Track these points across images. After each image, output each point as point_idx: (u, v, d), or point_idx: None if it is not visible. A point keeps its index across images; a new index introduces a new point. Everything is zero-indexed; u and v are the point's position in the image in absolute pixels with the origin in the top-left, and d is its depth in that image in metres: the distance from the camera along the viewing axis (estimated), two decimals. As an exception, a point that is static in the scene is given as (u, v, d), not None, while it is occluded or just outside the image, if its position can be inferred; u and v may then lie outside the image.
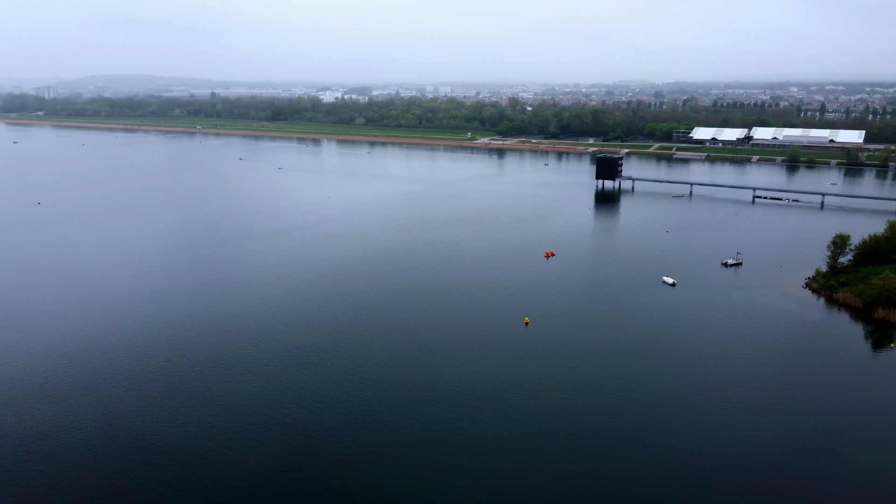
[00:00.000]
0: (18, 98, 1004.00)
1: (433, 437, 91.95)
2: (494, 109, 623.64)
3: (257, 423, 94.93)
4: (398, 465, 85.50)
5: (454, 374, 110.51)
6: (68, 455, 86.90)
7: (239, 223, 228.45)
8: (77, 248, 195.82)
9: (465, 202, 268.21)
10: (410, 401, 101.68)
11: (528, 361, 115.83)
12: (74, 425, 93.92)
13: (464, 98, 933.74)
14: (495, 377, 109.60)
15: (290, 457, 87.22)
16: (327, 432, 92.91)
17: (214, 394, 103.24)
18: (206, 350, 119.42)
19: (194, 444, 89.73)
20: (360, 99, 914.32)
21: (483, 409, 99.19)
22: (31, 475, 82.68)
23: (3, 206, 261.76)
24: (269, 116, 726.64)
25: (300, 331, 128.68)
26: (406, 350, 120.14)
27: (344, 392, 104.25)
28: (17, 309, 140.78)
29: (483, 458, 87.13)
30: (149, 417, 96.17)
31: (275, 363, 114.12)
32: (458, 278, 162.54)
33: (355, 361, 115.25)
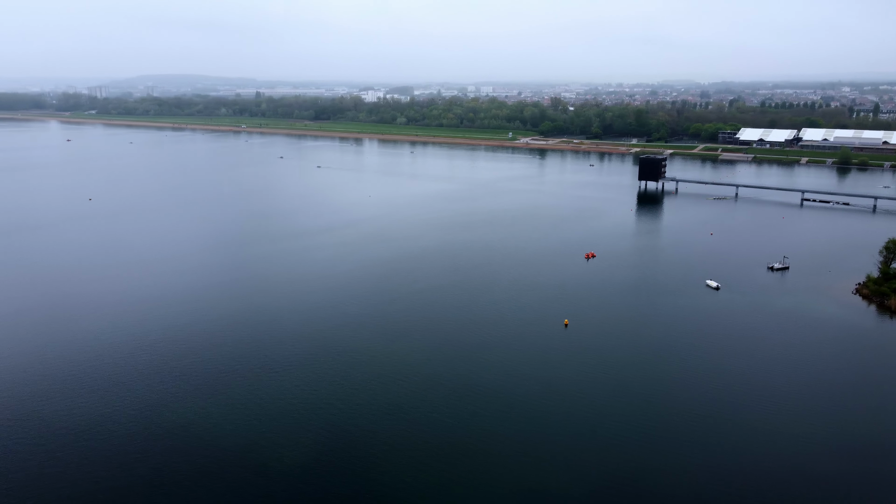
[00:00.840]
0: (72, 97, 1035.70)
1: (470, 435, 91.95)
2: (536, 109, 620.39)
3: (296, 418, 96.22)
4: (434, 462, 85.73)
5: (492, 374, 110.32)
6: (115, 443, 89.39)
7: (282, 221, 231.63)
8: (125, 243, 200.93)
9: (505, 202, 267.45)
10: (447, 399, 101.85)
11: (566, 363, 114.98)
12: (121, 415, 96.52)
13: (505, 98, 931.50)
14: (533, 378, 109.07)
15: (328, 451, 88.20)
16: (365, 428, 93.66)
17: (255, 388, 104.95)
18: (247, 345, 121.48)
19: (235, 436, 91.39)
20: (402, 99, 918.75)
21: (520, 410, 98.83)
22: (81, 462, 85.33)
23: (57, 203, 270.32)
24: (312, 116, 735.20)
25: (339, 328, 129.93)
26: (444, 349, 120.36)
27: (382, 389, 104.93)
28: (70, 302, 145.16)
29: (519, 457, 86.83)
30: (192, 410, 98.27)
31: (314, 359, 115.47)
32: (497, 278, 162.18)
33: (393, 359, 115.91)
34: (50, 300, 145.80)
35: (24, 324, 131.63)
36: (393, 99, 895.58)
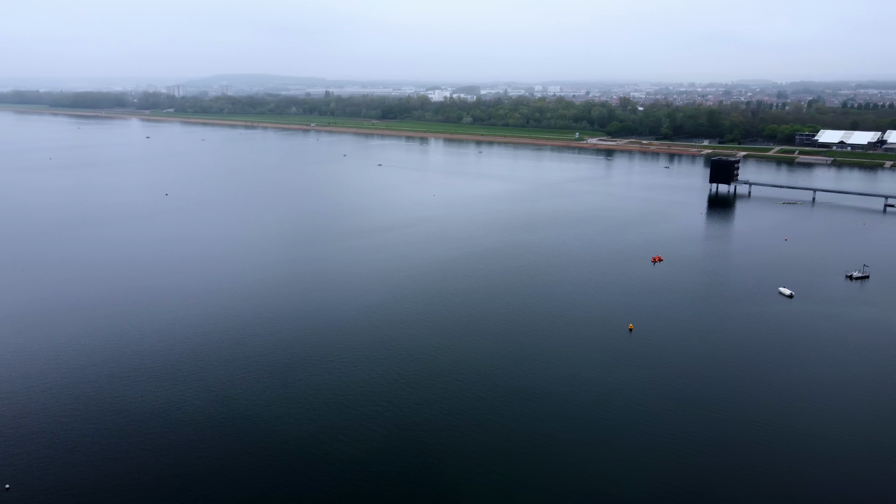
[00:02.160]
0: (152, 96, 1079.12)
1: (528, 438, 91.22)
2: (604, 109, 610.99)
3: (356, 413, 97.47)
4: (492, 463, 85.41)
5: (553, 377, 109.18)
6: (183, 431, 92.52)
7: (346, 219, 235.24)
8: (197, 238, 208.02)
9: (570, 203, 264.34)
10: (507, 400, 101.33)
11: (629, 368, 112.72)
12: (189, 404, 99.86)
13: (573, 97, 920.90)
14: (595, 382, 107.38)
15: (387, 447, 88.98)
16: (423, 426, 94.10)
17: (317, 382, 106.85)
18: (310, 339, 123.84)
19: (296, 429, 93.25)
20: (468, 98, 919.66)
21: (580, 414, 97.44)
22: (149, 447, 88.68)
23: (137, 197, 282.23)
24: (379, 115, 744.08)
25: (401, 326, 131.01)
26: (505, 350, 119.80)
27: (441, 387, 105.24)
28: (144, 294, 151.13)
29: (577, 462, 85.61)
30: (255, 401, 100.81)
31: (375, 355, 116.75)
32: (560, 280, 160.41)
33: (454, 358, 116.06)
34: (125, 291, 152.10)
35: (100, 314, 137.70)
36: (459, 98, 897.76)
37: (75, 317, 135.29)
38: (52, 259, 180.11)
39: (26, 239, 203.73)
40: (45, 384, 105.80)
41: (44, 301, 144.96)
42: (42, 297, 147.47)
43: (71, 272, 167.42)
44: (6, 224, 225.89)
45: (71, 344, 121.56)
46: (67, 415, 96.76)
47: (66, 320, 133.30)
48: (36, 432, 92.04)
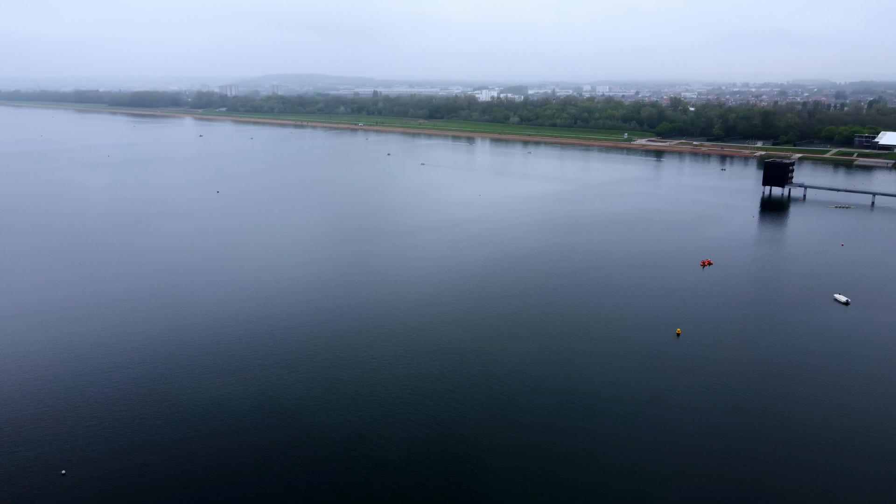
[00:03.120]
0: (205, 95, 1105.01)
1: (569, 441, 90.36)
2: (654, 109, 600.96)
3: (398, 411, 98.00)
4: (532, 466, 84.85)
5: (597, 380, 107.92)
6: (230, 423, 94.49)
7: (390, 218, 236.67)
8: (246, 234, 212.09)
9: (617, 205, 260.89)
10: (550, 403, 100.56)
11: (677, 374, 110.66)
12: (236, 397, 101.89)
13: (622, 97, 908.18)
14: (640, 387, 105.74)
15: (428, 445, 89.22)
16: (466, 426, 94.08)
17: (361, 379, 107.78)
18: (354, 337, 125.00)
19: (338, 425, 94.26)
20: (516, 98, 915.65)
21: (624, 419, 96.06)
22: (198, 437, 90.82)
23: (190, 194, 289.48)
24: (426, 114, 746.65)
25: (444, 325, 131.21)
26: (548, 352, 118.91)
27: (485, 388, 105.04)
28: (195, 288, 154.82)
29: (619, 466, 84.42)
30: (298, 396, 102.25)
31: (418, 354, 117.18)
32: (606, 283, 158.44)
33: (497, 359, 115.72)
34: (175, 285, 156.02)
35: (151, 307, 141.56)
36: (506, 98, 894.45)
37: (128, 309, 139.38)
38: (107, 253, 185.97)
39: (84, 233, 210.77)
40: (98, 374, 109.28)
41: (98, 293, 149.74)
42: (97, 290, 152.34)
43: (124, 266, 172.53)
44: (66, 219, 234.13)
45: (124, 336, 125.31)
46: (119, 404, 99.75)
47: (119, 312, 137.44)
48: (90, 421, 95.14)
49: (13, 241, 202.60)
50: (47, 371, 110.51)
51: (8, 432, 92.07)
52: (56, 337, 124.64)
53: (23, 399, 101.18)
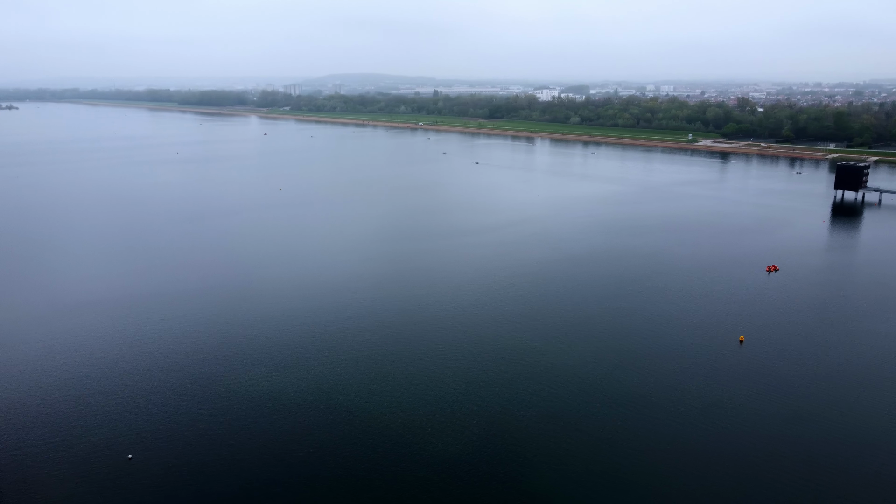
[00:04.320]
0: (270, 94, 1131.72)
1: (625, 446, 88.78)
2: (720, 110, 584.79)
3: (452, 410, 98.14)
4: (586, 470, 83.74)
5: (654, 385, 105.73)
6: (286, 418, 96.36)
7: (447, 217, 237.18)
8: (307, 231, 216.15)
9: (679, 207, 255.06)
10: (605, 407, 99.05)
11: (738, 382, 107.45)
12: (293, 392, 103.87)
13: (687, 97, 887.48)
14: (700, 394, 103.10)
15: (482, 445, 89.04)
16: (519, 427, 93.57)
17: (415, 378, 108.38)
18: (410, 335, 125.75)
19: (394, 422, 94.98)
20: (577, 98, 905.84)
21: (683, 425, 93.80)
22: (255, 430, 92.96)
23: (254, 191, 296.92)
24: (486, 114, 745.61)
25: (499, 325, 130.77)
26: (604, 355, 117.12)
27: (539, 390, 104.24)
28: (256, 284, 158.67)
29: (677, 474, 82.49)
30: (355, 393, 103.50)
31: (472, 354, 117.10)
32: (665, 287, 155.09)
33: (552, 361, 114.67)
34: (238, 281, 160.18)
35: (216, 300, 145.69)
36: (567, 98, 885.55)
37: (191, 302, 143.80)
38: (173, 247, 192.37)
39: (152, 228, 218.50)
40: (161, 365, 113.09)
41: (164, 286, 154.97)
42: (162, 283, 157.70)
43: (188, 260, 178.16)
44: (136, 213, 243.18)
45: (186, 328, 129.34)
46: (181, 394, 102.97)
47: (182, 305, 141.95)
48: (154, 409, 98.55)
49: (86, 233, 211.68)
50: (114, 359, 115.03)
51: (77, 417, 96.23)
52: (123, 327, 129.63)
53: (91, 385, 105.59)
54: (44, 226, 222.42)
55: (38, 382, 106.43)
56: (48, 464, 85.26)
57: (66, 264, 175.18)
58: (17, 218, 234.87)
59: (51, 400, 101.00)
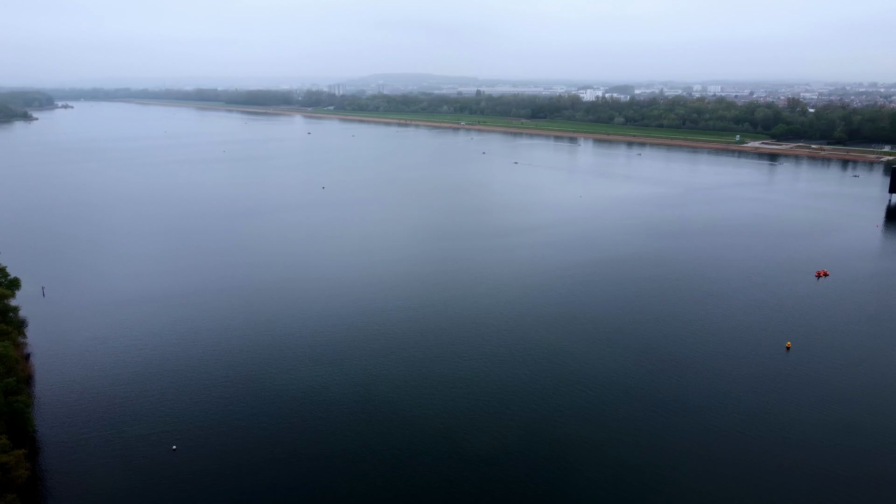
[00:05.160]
0: (314, 94, 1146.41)
1: (665, 454, 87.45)
2: (769, 111, 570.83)
3: (489, 411, 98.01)
4: (623, 478, 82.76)
5: (697, 392, 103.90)
6: (324, 415, 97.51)
7: (488, 217, 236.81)
8: (348, 230, 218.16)
9: (724, 210, 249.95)
10: (646, 413, 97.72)
11: (784, 390, 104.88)
12: (332, 389, 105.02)
13: (735, 98, 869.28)
14: (744, 401, 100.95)
15: (519, 448, 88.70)
16: (558, 431, 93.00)
17: (453, 377, 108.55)
18: (448, 334, 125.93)
19: (431, 421, 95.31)
20: (621, 98, 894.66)
21: (725, 434, 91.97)
22: (297, 426, 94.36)
23: (298, 189, 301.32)
24: (528, 114, 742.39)
25: (538, 327, 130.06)
26: (645, 360, 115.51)
27: (576, 393, 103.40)
28: (297, 282, 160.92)
29: (720, 485, 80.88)
30: (393, 391, 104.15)
31: (510, 355, 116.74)
32: (709, 292, 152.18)
33: (590, 364, 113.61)
34: (282, 278, 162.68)
35: (259, 297, 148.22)
36: (612, 98, 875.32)
37: (235, 298, 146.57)
38: (218, 244, 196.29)
39: (199, 225, 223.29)
40: (207, 359, 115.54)
41: (208, 282, 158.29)
42: (207, 279, 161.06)
43: (233, 258, 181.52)
44: (183, 210, 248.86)
45: (231, 323, 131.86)
46: (225, 388, 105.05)
47: (227, 301, 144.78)
48: (199, 402, 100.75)
49: (135, 230, 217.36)
50: (158, 352, 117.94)
51: (125, 408, 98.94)
52: (168, 321, 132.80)
53: (139, 378, 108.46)
54: (94, 223, 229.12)
55: (87, 374, 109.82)
56: (97, 453, 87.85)
57: (114, 260, 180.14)
58: (70, 215, 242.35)
59: (99, 391, 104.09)
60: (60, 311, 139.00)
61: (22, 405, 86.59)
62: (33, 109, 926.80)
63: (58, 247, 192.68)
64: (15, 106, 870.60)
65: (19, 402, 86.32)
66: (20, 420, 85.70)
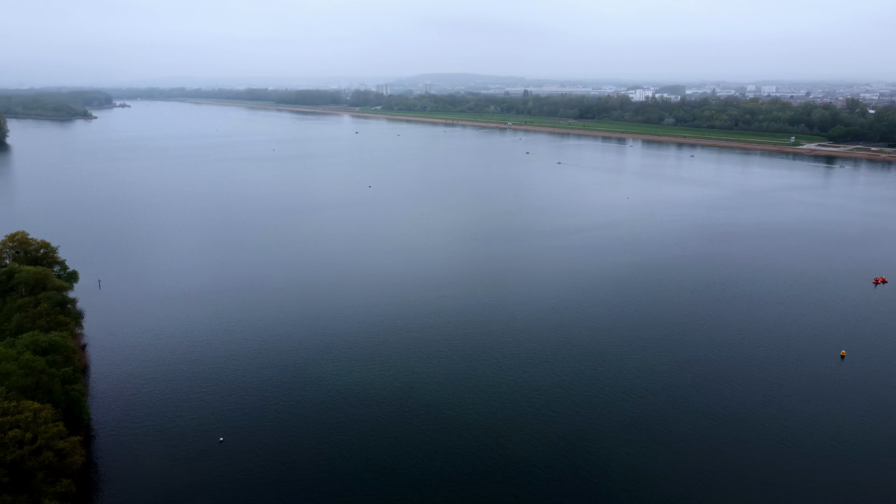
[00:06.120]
0: (362, 94, 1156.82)
1: (715, 462, 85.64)
2: (826, 112, 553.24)
3: (532, 413, 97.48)
4: (673, 486, 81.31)
5: (748, 400, 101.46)
6: (368, 411, 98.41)
7: (535, 218, 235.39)
8: (393, 229, 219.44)
9: (777, 214, 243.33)
10: (692, 420, 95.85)
11: (839, 399, 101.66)
12: (375, 386, 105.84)
13: (790, 98, 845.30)
14: (797, 410, 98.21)
15: (562, 451, 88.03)
16: (601, 435, 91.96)
17: (496, 378, 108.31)
18: (490, 334, 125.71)
19: (472, 421, 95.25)
20: (672, 98, 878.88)
21: (775, 443, 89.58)
22: (344, 422, 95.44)
23: (345, 188, 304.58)
24: (576, 114, 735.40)
25: (583, 330, 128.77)
26: (693, 366, 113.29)
27: (621, 397, 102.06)
28: (343, 279, 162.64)
29: (767, 495, 78.78)
30: (435, 390, 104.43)
31: (555, 357, 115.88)
32: (761, 297, 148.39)
33: (636, 368, 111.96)
34: (327, 275, 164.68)
35: (303, 294, 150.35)
36: (662, 98, 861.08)
37: (281, 295, 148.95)
38: (265, 241, 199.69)
39: (247, 222, 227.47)
40: (252, 353, 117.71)
41: (255, 279, 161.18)
42: (254, 275, 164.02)
43: (279, 255, 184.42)
44: (233, 209, 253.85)
45: (276, 319, 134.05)
46: (270, 383, 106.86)
47: (273, 297, 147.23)
48: (244, 395, 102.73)
49: (186, 226, 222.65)
50: (210, 346, 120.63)
51: (175, 399, 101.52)
52: (219, 315, 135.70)
53: (188, 370, 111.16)
54: (148, 218, 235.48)
55: (139, 365, 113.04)
56: (148, 442, 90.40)
57: (167, 255, 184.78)
58: (126, 211, 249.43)
59: (150, 382, 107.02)
60: (115, 303, 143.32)
61: (78, 394, 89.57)
62: (93, 108, 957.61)
63: (114, 241, 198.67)
64: (76, 105, 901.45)
65: (76, 391, 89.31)
66: (76, 408, 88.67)
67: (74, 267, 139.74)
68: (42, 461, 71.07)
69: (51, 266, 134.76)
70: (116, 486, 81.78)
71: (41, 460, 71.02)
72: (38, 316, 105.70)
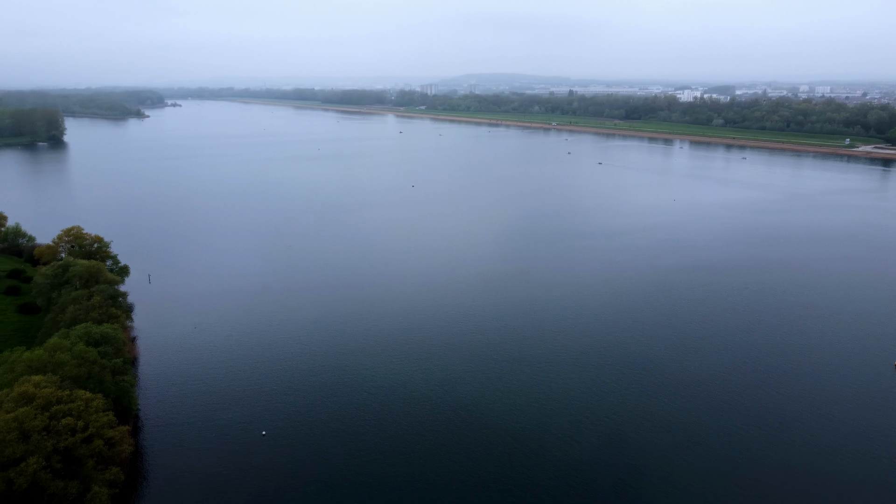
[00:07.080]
0: (407, 94, 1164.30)
1: (762, 470, 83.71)
2: (884, 113, 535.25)
3: (571, 416, 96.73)
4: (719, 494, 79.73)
5: (796, 409, 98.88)
6: (408, 410, 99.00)
7: (579, 219, 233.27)
8: (435, 229, 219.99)
9: (828, 218, 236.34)
10: (738, 426, 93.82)
11: (892, 410, 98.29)
12: (416, 385, 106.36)
13: (845, 99, 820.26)
14: (848, 420, 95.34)
15: (601, 455, 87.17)
16: (642, 440, 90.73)
17: (536, 380, 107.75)
18: (530, 335, 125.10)
19: (511, 424, 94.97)
20: (721, 98, 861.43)
21: (823, 453, 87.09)
22: (385, 420, 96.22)
23: (388, 187, 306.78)
24: (622, 115, 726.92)
25: (623, 331, 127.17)
26: (739, 372, 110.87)
27: (662, 402, 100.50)
28: (388, 279, 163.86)
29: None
30: (475, 391, 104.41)
31: (595, 360, 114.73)
32: (810, 303, 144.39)
33: (678, 373, 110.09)
34: (370, 275, 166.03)
35: (346, 293, 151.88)
36: (711, 99, 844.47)
37: (323, 293, 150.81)
38: (309, 240, 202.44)
39: (293, 220, 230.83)
40: (295, 350, 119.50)
41: (299, 276, 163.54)
42: (298, 273, 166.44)
43: (323, 253, 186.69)
44: (278, 207, 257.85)
45: (319, 317, 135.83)
46: (311, 380, 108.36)
47: (316, 295, 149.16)
48: (289, 391, 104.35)
49: (235, 223, 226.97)
50: (254, 342, 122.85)
51: (220, 393, 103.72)
52: (263, 312, 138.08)
53: (233, 365, 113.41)
54: (198, 215, 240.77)
55: (186, 358, 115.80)
56: (194, 433, 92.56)
57: (215, 251, 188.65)
58: (177, 207, 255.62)
59: (196, 375, 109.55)
60: (164, 297, 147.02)
61: (128, 385, 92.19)
62: (146, 108, 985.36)
63: (164, 237, 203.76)
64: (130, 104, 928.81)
65: (125, 382, 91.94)
66: (125, 398, 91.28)
67: (126, 261, 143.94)
68: (92, 449, 73.35)
69: (104, 260, 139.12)
70: (162, 474, 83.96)
71: (92, 448, 73.30)
72: (91, 308, 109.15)
